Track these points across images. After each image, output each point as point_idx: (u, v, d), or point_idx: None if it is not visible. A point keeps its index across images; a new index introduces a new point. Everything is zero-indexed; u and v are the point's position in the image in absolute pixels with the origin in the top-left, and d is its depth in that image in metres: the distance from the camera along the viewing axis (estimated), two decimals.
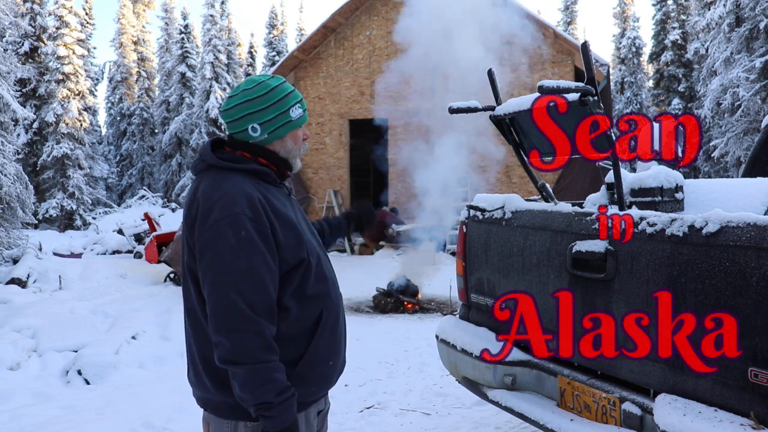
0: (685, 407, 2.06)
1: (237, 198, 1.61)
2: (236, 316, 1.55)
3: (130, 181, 31.33)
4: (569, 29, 32.47)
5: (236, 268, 1.57)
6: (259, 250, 1.59)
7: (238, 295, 1.55)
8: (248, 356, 1.54)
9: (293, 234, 1.68)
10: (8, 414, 4.14)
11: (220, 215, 1.59)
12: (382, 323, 7.20)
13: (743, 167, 4.24)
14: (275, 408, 1.56)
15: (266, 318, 1.58)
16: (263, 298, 1.59)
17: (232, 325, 1.55)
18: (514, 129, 3.08)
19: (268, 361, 1.57)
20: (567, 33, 24.89)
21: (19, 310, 6.62)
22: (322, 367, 1.74)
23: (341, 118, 15.87)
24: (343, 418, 4.12)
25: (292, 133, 1.78)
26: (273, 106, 1.72)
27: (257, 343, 1.55)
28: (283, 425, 1.58)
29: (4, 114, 10.88)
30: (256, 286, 1.57)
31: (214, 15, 26.78)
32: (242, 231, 1.58)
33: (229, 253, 1.57)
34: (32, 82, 23.42)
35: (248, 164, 1.71)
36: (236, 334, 1.55)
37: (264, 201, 1.65)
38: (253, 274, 1.57)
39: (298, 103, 1.78)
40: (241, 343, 1.54)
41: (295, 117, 1.76)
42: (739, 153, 15.65)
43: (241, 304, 1.55)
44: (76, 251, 14.74)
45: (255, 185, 1.68)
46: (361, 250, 14.22)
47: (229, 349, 1.55)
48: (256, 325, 1.56)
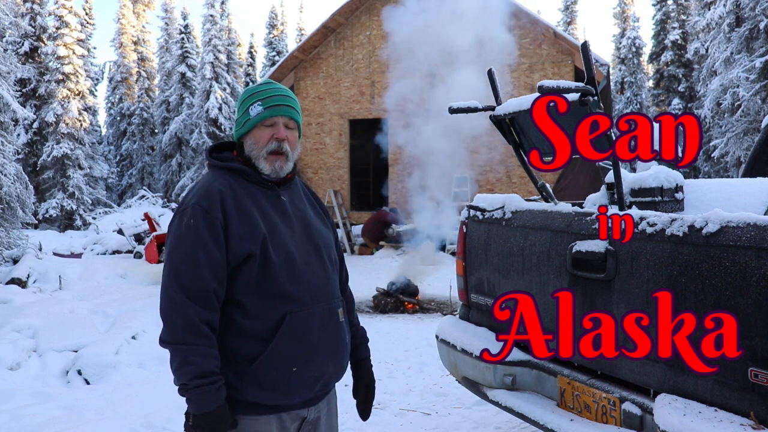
0: (685, 407, 2.06)
1: (200, 191, 1.73)
2: (170, 297, 1.65)
3: (130, 181, 31.33)
4: (569, 29, 32.46)
5: (179, 253, 1.67)
6: (202, 238, 1.66)
7: (175, 278, 1.65)
8: (173, 336, 1.63)
9: (249, 228, 1.70)
10: (8, 414, 4.14)
11: (180, 206, 1.75)
12: (382, 323, 7.20)
13: (743, 167, 4.24)
14: (190, 391, 1.61)
15: (199, 302, 1.64)
16: (197, 283, 1.64)
17: (166, 307, 1.66)
18: (514, 129, 3.08)
19: (191, 344, 1.61)
20: (567, 33, 24.89)
21: (19, 310, 6.61)
22: (283, 372, 1.70)
23: (341, 118, 15.87)
24: (343, 418, 4.10)
25: (252, 131, 1.80)
26: (239, 107, 1.85)
27: (181, 325, 1.62)
28: (199, 410, 1.61)
29: (4, 114, 10.87)
30: (192, 270, 1.65)
31: (214, 15, 26.77)
32: (191, 219, 1.68)
33: (176, 240, 1.69)
34: (32, 82, 23.42)
35: (230, 163, 1.81)
36: (167, 315, 1.65)
37: (229, 194, 1.72)
38: (192, 259, 1.65)
39: (258, 101, 1.79)
40: (170, 324, 1.64)
41: (253, 114, 1.79)
42: (739, 153, 15.65)
43: (176, 287, 1.64)
44: (76, 251, 14.73)
45: (231, 181, 1.76)
46: (361, 250, 14.22)
47: (163, 329, 1.65)
48: (184, 308, 1.62)
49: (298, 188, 1.93)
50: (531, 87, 13.64)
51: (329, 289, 1.83)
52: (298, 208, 1.86)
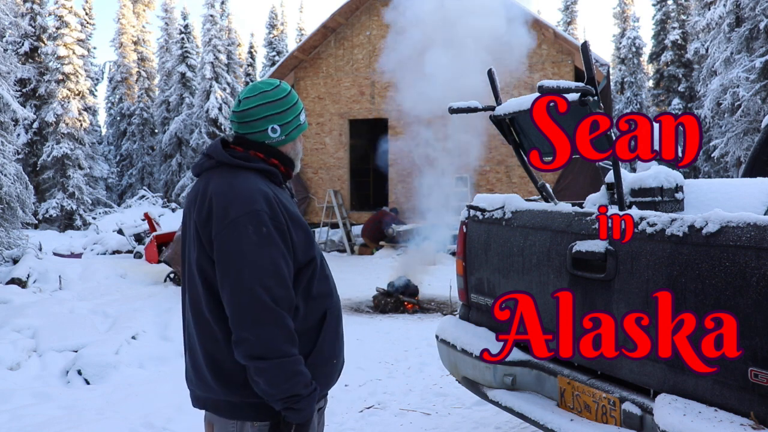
0: (685, 407, 2.06)
1: (255, 195, 1.64)
2: (261, 310, 1.57)
3: (130, 181, 31.33)
4: (569, 29, 32.46)
5: (260, 263, 1.59)
6: (279, 246, 1.63)
7: (263, 289, 1.57)
8: (275, 350, 1.56)
9: (303, 233, 1.72)
10: (8, 414, 4.14)
11: (239, 212, 1.61)
12: (382, 323, 7.20)
13: (743, 167, 4.24)
14: (304, 400, 1.59)
15: (289, 312, 1.62)
16: (286, 292, 1.62)
17: (258, 320, 1.56)
18: (514, 129, 3.08)
19: (293, 355, 1.60)
20: (567, 33, 24.89)
21: (19, 310, 6.61)
22: (326, 366, 1.77)
23: (341, 118, 15.87)
24: (343, 418, 4.12)
25: (300, 136, 1.87)
26: (291, 109, 1.80)
27: (283, 337, 1.58)
28: (307, 417, 1.62)
29: (4, 114, 10.87)
30: (279, 280, 1.60)
31: (214, 15, 26.76)
32: (263, 227, 1.60)
33: (251, 250, 1.59)
34: (32, 82, 23.41)
35: (260, 164, 1.75)
36: (262, 328, 1.56)
37: (278, 199, 1.69)
38: (276, 269, 1.60)
39: (303, 109, 1.88)
40: (268, 337, 1.56)
41: (303, 121, 1.85)
42: (739, 153, 15.65)
43: (266, 298, 1.57)
44: (76, 251, 14.72)
45: (266, 184, 1.72)
46: (361, 250, 14.22)
47: (255, 343, 1.56)
48: (282, 319, 1.58)
49: None
50: (531, 87, 13.64)
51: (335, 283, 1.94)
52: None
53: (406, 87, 9.11)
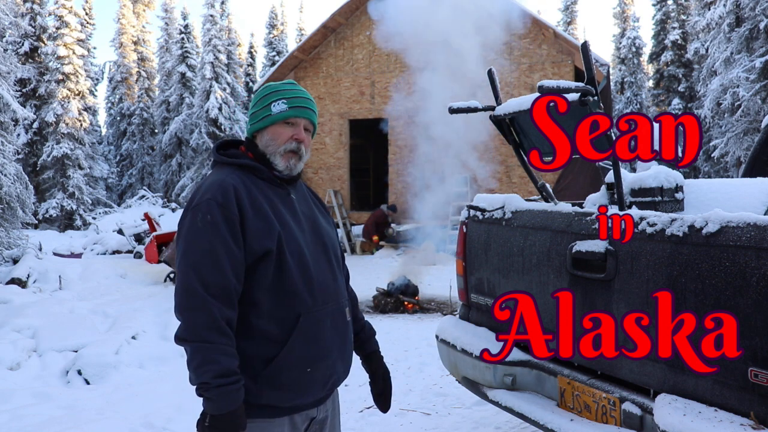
0: (685, 407, 2.06)
1: (214, 186, 1.69)
2: (190, 295, 1.60)
3: (130, 181, 31.32)
4: (569, 29, 32.45)
5: (197, 249, 1.63)
6: (221, 234, 1.63)
7: (195, 274, 1.61)
8: (194, 334, 1.58)
9: (264, 225, 1.68)
10: (8, 414, 4.14)
11: (195, 202, 1.68)
12: (382, 323, 7.20)
13: (743, 167, 4.24)
14: (212, 390, 1.56)
15: (220, 300, 1.61)
16: (219, 279, 1.61)
17: (186, 304, 1.61)
18: (514, 129, 3.08)
19: (213, 342, 1.58)
20: (567, 33, 24.89)
21: (19, 310, 6.61)
22: (299, 373, 1.70)
23: (341, 118, 15.87)
24: (343, 418, 4.11)
25: (271, 127, 1.80)
26: (258, 102, 1.83)
27: (203, 322, 1.58)
28: (218, 411, 1.56)
29: (4, 114, 10.87)
30: (214, 267, 1.61)
31: (214, 15, 26.73)
32: (208, 215, 1.64)
33: (193, 236, 1.65)
34: (32, 82, 23.40)
35: (241, 159, 1.79)
36: (188, 312, 1.60)
37: (242, 189, 1.69)
38: (213, 255, 1.62)
39: (284, 99, 1.80)
40: (191, 321, 1.59)
41: (275, 111, 1.79)
42: (739, 153, 15.65)
43: (196, 283, 1.60)
44: (76, 251, 14.72)
45: (243, 178, 1.74)
46: (363, 246, 14.21)
47: (181, 326, 1.61)
48: (206, 305, 1.59)
49: (302, 188, 1.95)
50: (531, 87, 13.64)
51: (337, 289, 1.84)
52: (305, 207, 1.88)
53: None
